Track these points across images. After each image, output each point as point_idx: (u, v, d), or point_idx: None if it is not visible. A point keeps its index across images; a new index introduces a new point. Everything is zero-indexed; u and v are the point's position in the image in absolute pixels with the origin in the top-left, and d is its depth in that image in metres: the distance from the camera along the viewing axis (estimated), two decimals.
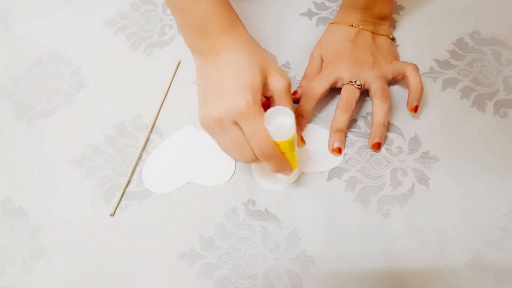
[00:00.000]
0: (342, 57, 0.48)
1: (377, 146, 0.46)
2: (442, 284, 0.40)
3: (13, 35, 0.64)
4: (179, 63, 0.57)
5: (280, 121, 0.38)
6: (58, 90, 0.57)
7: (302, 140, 0.45)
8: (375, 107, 0.46)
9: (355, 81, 0.47)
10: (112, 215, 0.47)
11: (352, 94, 0.46)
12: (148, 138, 0.51)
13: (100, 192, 0.49)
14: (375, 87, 0.46)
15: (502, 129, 0.46)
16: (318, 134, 0.48)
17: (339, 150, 0.46)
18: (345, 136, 0.47)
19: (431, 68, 0.51)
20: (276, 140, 0.38)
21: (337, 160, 0.46)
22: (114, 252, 0.45)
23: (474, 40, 0.52)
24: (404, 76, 0.47)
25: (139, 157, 0.50)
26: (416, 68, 0.47)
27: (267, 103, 0.42)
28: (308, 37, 0.55)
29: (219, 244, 0.44)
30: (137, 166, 0.50)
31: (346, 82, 0.47)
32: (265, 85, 0.40)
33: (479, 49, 0.52)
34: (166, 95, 0.54)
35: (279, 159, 0.39)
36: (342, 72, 0.47)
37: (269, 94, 0.41)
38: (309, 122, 0.49)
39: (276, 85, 0.40)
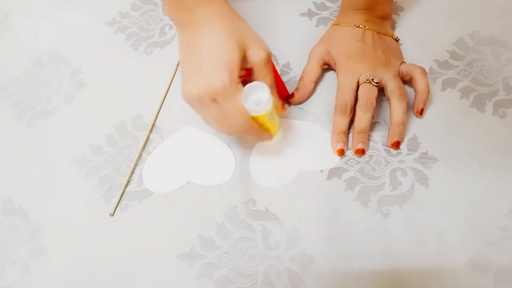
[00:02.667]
0: (355, 57, 0.48)
1: (397, 145, 0.46)
2: (442, 284, 0.40)
3: (13, 35, 0.64)
4: (179, 63, 0.57)
5: (258, 95, 0.40)
6: (58, 90, 0.57)
7: (282, 107, 0.45)
8: (393, 106, 0.46)
9: (373, 79, 0.46)
10: (112, 215, 0.47)
11: (371, 92, 0.46)
12: (148, 138, 0.51)
13: (100, 192, 0.49)
14: (392, 86, 0.46)
15: (501, 129, 0.46)
16: (316, 132, 0.49)
17: (362, 152, 0.46)
18: (369, 136, 0.47)
19: (431, 68, 0.51)
20: (254, 115, 0.40)
21: (336, 158, 0.46)
22: (114, 252, 0.45)
23: (474, 40, 0.52)
24: (412, 78, 0.48)
25: (139, 157, 0.50)
26: (424, 71, 0.47)
27: (248, 75, 0.43)
28: (308, 37, 0.55)
29: (219, 244, 0.44)
30: (137, 166, 0.50)
31: (363, 81, 0.46)
32: (244, 58, 0.40)
33: (479, 49, 0.52)
34: (166, 95, 0.54)
35: (257, 131, 0.41)
36: (359, 71, 0.47)
37: (249, 66, 0.41)
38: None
39: (255, 58, 0.40)
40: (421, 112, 0.47)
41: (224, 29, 0.39)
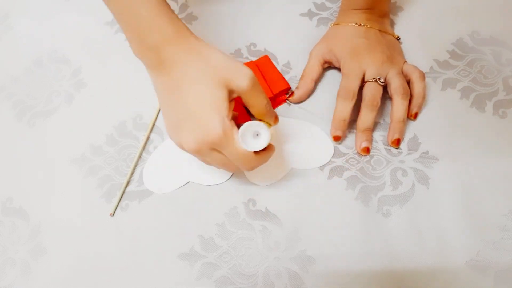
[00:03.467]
0: (360, 52, 0.48)
1: (397, 142, 0.46)
2: (442, 284, 0.40)
3: (13, 35, 0.64)
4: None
5: (255, 129, 0.38)
6: (58, 90, 0.57)
7: (276, 119, 0.42)
8: (395, 103, 0.46)
9: (379, 78, 0.46)
10: (112, 215, 0.47)
11: (377, 92, 0.46)
12: (148, 138, 0.51)
13: (101, 192, 0.48)
14: (396, 84, 0.46)
15: (501, 129, 0.46)
16: (309, 130, 0.49)
17: (367, 150, 0.46)
18: (372, 135, 0.47)
19: (431, 68, 0.51)
20: (256, 150, 0.38)
21: (328, 156, 0.46)
22: (114, 252, 0.45)
23: (474, 40, 0.52)
24: (409, 80, 0.48)
25: (140, 157, 0.50)
26: (422, 75, 0.47)
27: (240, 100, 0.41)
28: (308, 37, 0.55)
29: (219, 244, 0.44)
30: (138, 166, 0.50)
31: (369, 79, 0.46)
32: (230, 91, 0.37)
33: (479, 49, 0.52)
34: None
35: (263, 160, 0.40)
36: (365, 65, 0.47)
37: (235, 95, 0.39)
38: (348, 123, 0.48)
39: (240, 87, 0.37)
40: (415, 116, 0.47)
41: (200, 69, 0.36)
